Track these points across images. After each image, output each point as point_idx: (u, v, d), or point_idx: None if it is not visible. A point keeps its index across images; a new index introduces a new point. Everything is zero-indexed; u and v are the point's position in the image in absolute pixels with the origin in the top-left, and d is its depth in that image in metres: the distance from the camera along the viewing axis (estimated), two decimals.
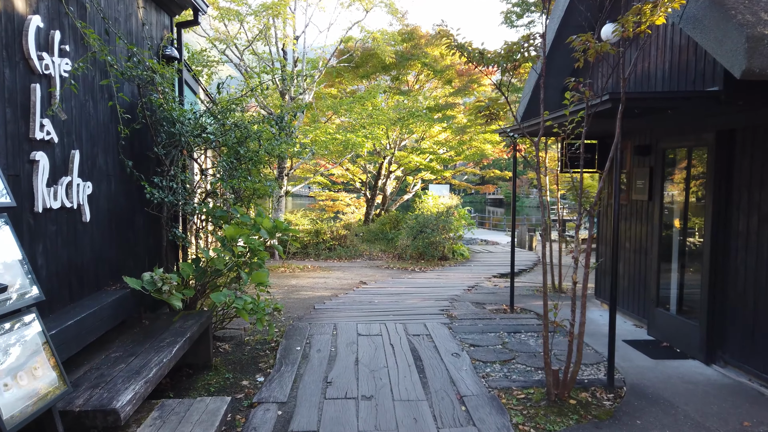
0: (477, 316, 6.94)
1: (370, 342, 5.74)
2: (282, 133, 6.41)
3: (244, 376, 4.85)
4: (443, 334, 6.05)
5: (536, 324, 6.57)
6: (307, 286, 9.43)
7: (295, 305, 7.78)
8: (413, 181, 19.81)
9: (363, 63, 16.58)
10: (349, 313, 7.08)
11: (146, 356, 3.82)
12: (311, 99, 15.49)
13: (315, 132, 12.40)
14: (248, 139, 5.72)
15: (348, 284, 9.65)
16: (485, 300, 8.02)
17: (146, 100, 5.02)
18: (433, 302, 7.81)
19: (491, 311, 7.26)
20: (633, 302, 6.71)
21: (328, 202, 20.40)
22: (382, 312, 7.15)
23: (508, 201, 52.40)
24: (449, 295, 8.39)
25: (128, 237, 4.92)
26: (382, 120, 14.06)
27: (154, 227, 5.39)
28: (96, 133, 4.32)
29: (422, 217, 12.54)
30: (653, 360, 5.27)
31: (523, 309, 7.37)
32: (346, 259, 12.95)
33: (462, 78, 16.96)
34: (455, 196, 14.29)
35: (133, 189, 4.94)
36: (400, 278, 10.26)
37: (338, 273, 10.95)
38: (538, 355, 5.43)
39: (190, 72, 7.63)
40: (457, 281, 9.79)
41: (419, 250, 12.36)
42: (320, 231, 13.27)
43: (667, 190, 5.96)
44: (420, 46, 16.44)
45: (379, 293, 8.56)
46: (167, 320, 4.73)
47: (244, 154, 5.62)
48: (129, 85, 4.89)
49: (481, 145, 16.88)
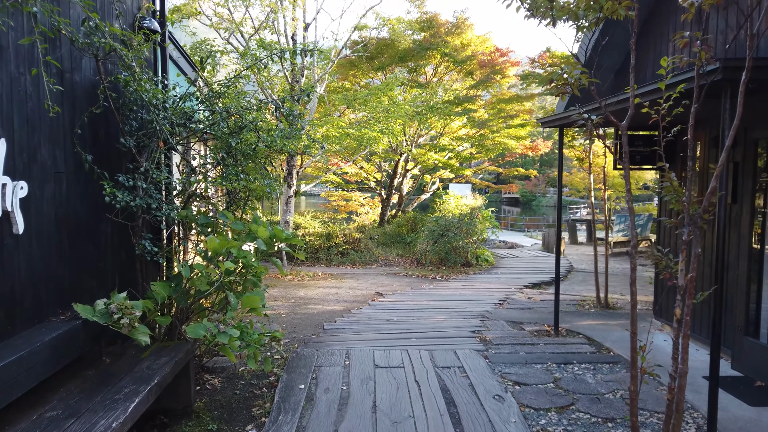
0: (516, 341, 5.84)
1: (390, 377, 4.67)
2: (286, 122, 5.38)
3: (233, 427, 3.82)
4: (479, 366, 4.96)
5: (590, 352, 5.45)
6: (317, 298, 8.40)
7: (301, 323, 6.74)
8: (431, 180, 18.70)
9: (378, 54, 15.50)
10: (364, 335, 6.02)
11: (91, 418, 2.80)
12: (323, 92, 14.48)
13: (326, 126, 11.36)
14: (243, 129, 4.68)
15: (362, 296, 8.60)
16: (522, 318, 6.91)
17: (113, 79, 4.01)
18: (461, 321, 6.72)
19: (532, 334, 6.15)
20: (706, 327, 5.55)
21: (341, 202, 19.40)
22: (403, 334, 6.08)
23: (524, 200, 50.94)
24: (479, 311, 7.28)
25: (88, 251, 3.91)
26: (400, 114, 12.97)
27: (128, 238, 4.38)
28: (36, 117, 3.31)
29: (444, 219, 11.43)
30: (753, 408, 4.13)
31: (569, 331, 6.25)
32: (360, 265, 11.90)
33: (484, 69, 15.79)
34: (479, 196, 13.16)
35: (95, 190, 3.92)
36: (420, 289, 9.18)
37: (351, 282, 9.91)
38: (603, 399, 4.31)
39: (184, 56, 6.59)
40: (485, 293, 8.68)
41: (440, 256, 11.26)
42: (332, 234, 12.23)
43: (759, 190, 4.80)
44: (439, 35, 15.31)
45: (398, 308, 7.49)
46: (135, 356, 3.72)
47: (237, 147, 4.59)
48: (90, 60, 3.88)
49: (505, 141, 15.70)
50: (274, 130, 5.27)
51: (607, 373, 4.88)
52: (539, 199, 52.27)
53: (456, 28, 15.58)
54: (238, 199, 5.12)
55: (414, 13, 15.53)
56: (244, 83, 5.59)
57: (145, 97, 3.95)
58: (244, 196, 4.99)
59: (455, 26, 15.57)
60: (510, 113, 15.78)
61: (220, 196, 5.51)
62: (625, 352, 5.38)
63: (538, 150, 18.03)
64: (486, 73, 15.64)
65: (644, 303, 8.00)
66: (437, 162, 16.39)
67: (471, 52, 15.74)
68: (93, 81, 3.98)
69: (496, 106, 15.95)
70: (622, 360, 5.20)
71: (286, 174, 13.21)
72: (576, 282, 10.28)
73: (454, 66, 15.93)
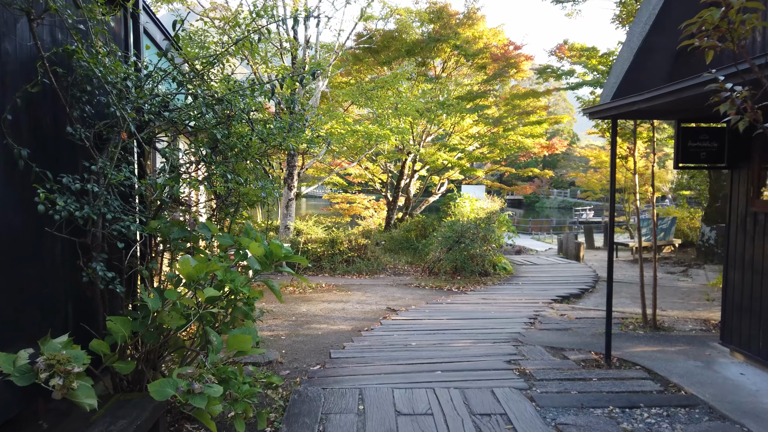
0: (563, 374, 4.86)
1: (416, 430, 3.71)
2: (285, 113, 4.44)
3: None
4: (526, 413, 3.99)
5: (656, 391, 4.47)
6: (321, 314, 7.44)
7: (304, 347, 5.78)
8: (439, 181, 17.73)
9: (384, 47, 14.54)
10: (379, 367, 5.06)
11: None
12: (326, 87, 13.53)
13: (331, 123, 10.39)
14: (233, 119, 3.74)
15: (372, 311, 7.63)
16: (561, 342, 5.94)
17: (61, 50, 3.06)
18: (490, 346, 5.75)
19: (579, 364, 5.18)
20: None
21: (344, 204, 18.44)
22: (426, 364, 5.11)
23: (527, 201, 50.00)
24: (509, 333, 6.32)
25: (27, 275, 2.95)
26: (409, 110, 12.03)
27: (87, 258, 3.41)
28: None
29: (459, 224, 10.46)
30: None
31: (622, 360, 5.27)
32: (368, 275, 10.93)
33: (497, 63, 14.82)
34: (497, 198, 12.19)
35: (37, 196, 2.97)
36: (436, 303, 8.22)
37: (359, 294, 8.94)
38: None
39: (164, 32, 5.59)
40: (511, 309, 7.71)
41: (455, 265, 10.28)
42: (336, 241, 11.27)
43: None
44: (450, 26, 14.35)
45: (415, 329, 6.52)
46: (85, 418, 2.76)
47: (224, 141, 3.64)
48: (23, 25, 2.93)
49: (521, 139, 14.73)
50: (272, 121, 4.33)
51: (686, 422, 3.91)
52: (543, 201, 51.29)
53: (467, 19, 14.63)
54: (227, 205, 4.17)
55: (423, 3, 14.60)
56: (236, 64, 4.66)
57: (98, 72, 2.99)
58: (235, 202, 4.03)
59: (466, 17, 14.62)
60: (526, 109, 14.80)
61: (204, 202, 4.55)
62: (699, 390, 4.41)
63: (555, 149, 17.06)
64: (500, 66, 14.68)
65: (693, 321, 7.04)
66: (447, 162, 15.42)
67: (483, 44, 14.78)
68: (35, 53, 3.02)
69: (511, 102, 14.98)
70: (700, 402, 4.23)
71: (287, 175, 12.26)
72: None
73: (465, 60, 14.97)
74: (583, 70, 14.54)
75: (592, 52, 13.74)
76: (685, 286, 9.99)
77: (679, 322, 7.03)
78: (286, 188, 12.38)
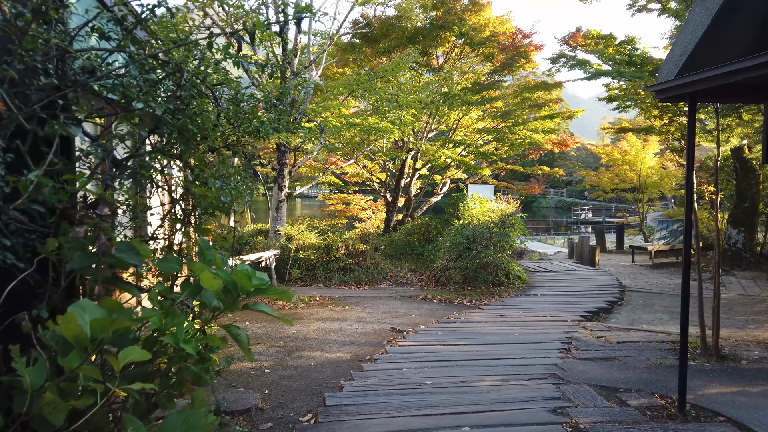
0: (629, 430, 3.72)
1: None
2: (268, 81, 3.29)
3: None
4: None
5: None
6: (314, 337, 6.28)
7: (291, 385, 4.62)
8: (441, 180, 16.60)
9: (383, 35, 13.40)
10: (389, 420, 3.89)
11: None
12: (319, 78, 12.36)
13: (325, 114, 9.23)
14: (182, 88, 2.58)
15: (374, 333, 6.49)
16: (611, 378, 4.79)
17: None
18: (525, 384, 4.60)
19: (643, 413, 4.03)
20: None
21: (340, 206, 17.28)
22: (448, 416, 3.95)
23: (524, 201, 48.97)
24: (544, 364, 5.17)
25: None
26: (411, 102, 10.88)
27: None
28: None
29: (470, 228, 9.31)
30: None
31: (697, 408, 4.13)
32: (367, 285, 9.76)
33: (505, 53, 13.70)
34: (513, 200, 11.06)
35: None
36: (449, 322, 7.07)
37: (357, 310, 7.79)
38: None
39: None
40: (538, 329, 6.58)
41: (466, 274, 9.14)
42: (332, 246, 10.10)
43: None
44: (455, 12, 13.21)
45: (429, 359, 5.37)
46: None
47: (168, 119, 2.48)
48: None
49: (531, 135, 13.61)
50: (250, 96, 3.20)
51: None
52: (539, 201, 50.26)
53: (473, 5, 13.50)
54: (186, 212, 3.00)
55: None
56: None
57: None
58: (189, 209, 2.86)
59: (472, 3, 13.50)
60: (537, 102, 13.68)
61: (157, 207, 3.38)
62: None
63: (567, 146, 15.96)
64: (508, 56, 13.56)
65: (756, 345, 5.94)
66: (451, 159, 14.28)
67: (489, 33, 13.65)
68: None
69: (521, 94, 13.85)
70: None
71: (276, 174, 11.08)
72: (639, 308, 8.20)
73: (471, 49, 13.84)
74: (597, 60, 13.48)
75: (610, 40, 12.67)
76: (722, 297, 8.89)
77: (740, 346, 5.92)
78: (276, 188, 11.21)
